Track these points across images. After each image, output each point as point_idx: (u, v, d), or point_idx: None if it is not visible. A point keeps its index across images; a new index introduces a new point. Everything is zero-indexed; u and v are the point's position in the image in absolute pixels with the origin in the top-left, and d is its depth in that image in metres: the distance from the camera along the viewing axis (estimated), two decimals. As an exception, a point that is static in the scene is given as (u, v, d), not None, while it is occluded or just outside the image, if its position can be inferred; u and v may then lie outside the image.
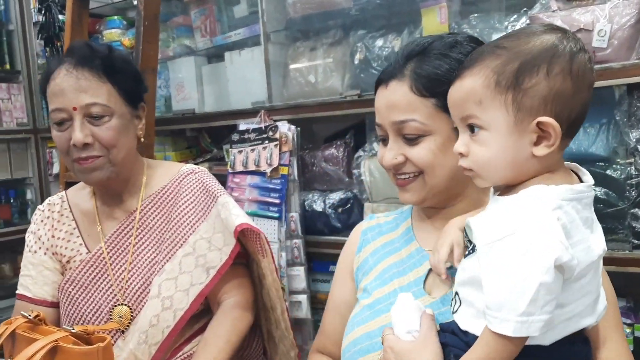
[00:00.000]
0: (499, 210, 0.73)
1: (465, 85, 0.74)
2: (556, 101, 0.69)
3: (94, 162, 1.17)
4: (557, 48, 0.70)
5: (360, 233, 1.08)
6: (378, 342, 0.88)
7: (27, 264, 1.30)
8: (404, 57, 0.91)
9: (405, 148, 0.90)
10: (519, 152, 0.71)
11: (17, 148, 3.48)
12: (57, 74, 1.17)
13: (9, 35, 3.45)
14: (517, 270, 0.65)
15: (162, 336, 1.19)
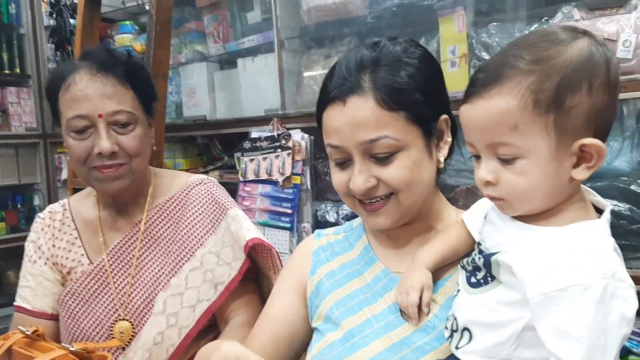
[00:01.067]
0: (546, 249, 0.63)
1: (494, 107, 0.64)
2: (597, 118, 0.63)
3: (118, 171, 1.13)
4: (594, 57, 0.63)
5: (312, 252, 0.98)
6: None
7: (27, 275, 1.25)
8: (356, 70, 0.82)
9: (376, 169, 0.82)
10: (559, 179, 0.64)
11: (26, 153, 3.46)
12: (78, 79, 1.11)
13: (20, 39, 3.44)
14: (598, 327, 0.58)
15: (166, 355, 1.14)
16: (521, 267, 0.64)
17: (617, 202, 1.54)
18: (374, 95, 0.79)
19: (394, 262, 0.89)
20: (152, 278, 1.17)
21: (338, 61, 0.87)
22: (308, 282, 0.96)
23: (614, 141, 1.62)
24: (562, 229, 0.64)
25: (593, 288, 0.58)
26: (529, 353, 0.64)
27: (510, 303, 0.65)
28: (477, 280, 0.70)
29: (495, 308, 0.67)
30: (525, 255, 0.64)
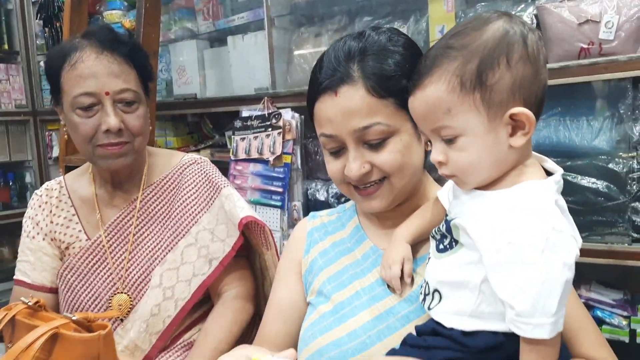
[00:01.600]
0: (494, 208, 0.70)
1: (428, 95, 0.71)
2: (522, 88, 0.68)
3: (122, 149, 1.16)
4: (509, 35, 0.68)
5: (306, 233, 1.04)
6: (348, 349, 0.85)
7: (25, 250, 1.29)
8: (345, 60, 0.85)
9: (370, 155, 0.86)
10: (499, 148, 0.69)
11: (16, 130, 3.46)
12: (85, 57, 1.13)
13: (8, 15, 3.41)
14: (540, 273, 0.64)
15: (163, 325, 1.19)
16: (473, 227, 0.70)
17: (595, 179, 1.61)
18: (364, 84, 0.83)
19: (382, 240, 0.94)
20: (148, 253, 1.22)
21: (325, 52, 0.90)
22: (302, 261, 1.01)
23: (595, 121, 1.67)
24: (509, 190, 0.69)
25: (537, 240, 0.64)
26: (490, 308, 0.70)
27: (471, 262, 0.71)
28: (444, 246, 0.76)
29: (459, 268, 0.73)
30: (477, 217, 0.71)
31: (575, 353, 0.81)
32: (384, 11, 2.08)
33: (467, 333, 0.72)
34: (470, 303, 0.72)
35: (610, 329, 1.63)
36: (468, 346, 0.72)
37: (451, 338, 0.73)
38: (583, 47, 1.62)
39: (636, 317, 1.60)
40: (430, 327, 0.76)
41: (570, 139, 1.70)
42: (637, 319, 1.60)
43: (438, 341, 0.75)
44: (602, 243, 1.58)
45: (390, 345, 0.83)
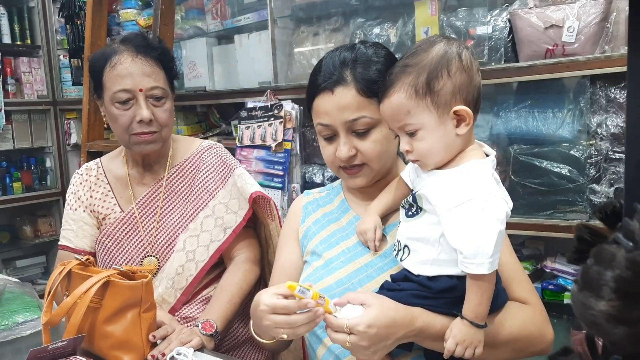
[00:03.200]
0: (448, 181, 0.92)
1: (393, 101, 0.92)
2: (461, 91, 0.90)
3: (152, 137, 1.39)
4: (447, 53, 0.90)
5: (302, 207, 1.26)
6: (334, 294, 1.04)
7: (69, 220, 1.52)
8: (340, 66, 1.08)
9: (356, 142, 1.08)
10: (448, 137, 0.91)
11: (37, 119, 3.69)
12: (123, 60, 1.36)
13: (30, 11, 3.62)
14: (480, 226, 0.86)
15: (185, 283, 1.43)
16: (432, 194, 0.93)
17: (558, 164, 1.83)
18: (355, 86, 1.06)
19: (363, 210, 1.17)
20: (173, 223, 1.46)
21: (323, 59, 1.13)
22: (300, 228, 1.24)
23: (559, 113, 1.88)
24: (457, 167, 0.93)
25: (477, 201, 0.87)
26: (446, 257, 0.92)
27: (432, 223, 0.94)
28: (412, 212, 0.98)
29: (423, 228, 0.95)
30: (434, 187, 0.94)
31: (511, 296, 1.04)
32: (375, 14, 2.29)
33: (431, 278, 0.94)
34: (431, 253, 0.94)
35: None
36: (431, 288, 0.94)
37: (418, 282, 0.95)
38: (548, 48, 1.84)
39: (593, 285, 1.82)
40: (403, 275, 0.98)
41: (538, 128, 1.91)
42: (593, 287, 1.82)
43: (409, 285, 0.96)
44: (564, 220, 1.79)
45: (370, 289, 1.05)
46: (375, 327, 0.90)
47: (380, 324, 0.90)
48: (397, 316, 0.92)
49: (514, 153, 1.89)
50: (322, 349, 1.09)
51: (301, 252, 1.23)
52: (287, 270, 1.24)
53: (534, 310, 1.03)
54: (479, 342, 0.90)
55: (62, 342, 1.06)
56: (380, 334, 0.90)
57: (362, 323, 0.90)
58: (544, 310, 1.05)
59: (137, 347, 1.16)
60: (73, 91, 3.65)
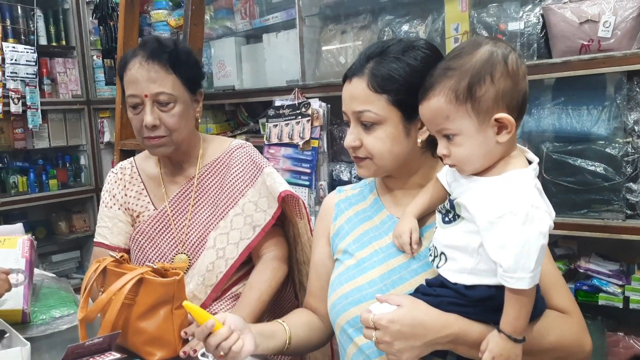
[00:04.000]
0: (489, 190, 0.90)
1: (432, 105, 0.90)
2: (504, 97, 0.86)
3: (160, 141, 1.41)
4: (492, 57, 0.86)
5: (334, 205, 1.25)
6: (367, 294, 1.05)
7: (104, 217, 1.56)
8: (365, 58, 1.07)
9: (363, 134, 1.07)
10: (487, 144, 0.88)
11: (72, 118, 3.79)
12: (132, 65, 1.39)
13: (65, 13, 3.72)
14: (522, 239, 0.82)
15: (216, 279, 1.45)
16: (471, 204, 0.91)
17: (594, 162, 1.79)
18: (367, 79, 1.05)
19: (396, 209, 1.16)
20: (204, 220, 1.48)
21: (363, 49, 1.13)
22: (331, 226, 1.24)
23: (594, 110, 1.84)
24: (498, 176, 0.90)
25: (519, 214, 0.84)
26: (485, 267, 0.90)
27: (470, 232, 0.91)
28: (449, 219, 0.96)
29: (461, 236, 0.93)
30: (474, 196, 0.91)
31: (549, 305, 1.01)
32: (404, 10, 2.27)
33: (468, 287, 0.92)
34: (470, 263, 0.91)
35: (607, 296, 1.80)
36: (468, 297, 0.92)
37: (455, 290, 0.94)
38: (583, 43, 1.80)
39: (630, 286, 1.77)
40: (439, 281, 0.97)
41: (572, 125, 1.87)
42: (630, 287, 1.76)
43: (445, 292, 0.95)
44: (599, 219, 1.75)
45: (401, 291, 1.03)
46: (398, 324, 0.90)
47: (404, 322, 0.90)
48: (427, 319, 0.91)
49: (546, 151, 1.85)
50: (353, 347, 1.09)
51: (331, 251, 1.23)
52: (318, 269, 1.25)
53: (573, 319, 1.01)
54: (516, 356, 0.88)
55: (98, 339, 1.09)
56: (404, 332, 0.90)
57: (385, 318, 0.90)
58: (583, 319, 1.02)
59: (169, 343, 1.18)
60: (106, 91, 3.74)
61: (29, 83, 3.40)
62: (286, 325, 1.17)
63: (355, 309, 1.06)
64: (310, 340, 1.22)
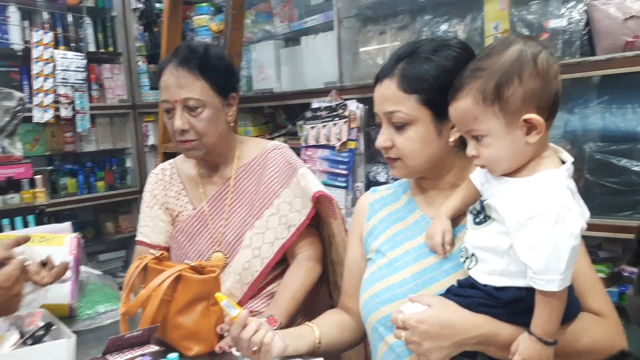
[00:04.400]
0: (519, 192, 0.89)
1: (460, 106, 0.90)
2: (533, 98, 0.85)
3: (190, 144, 1.46)
4: (522, 57, 0.85)
5: (368, 205, 1.26)
6: (398, 293, 1.06)
7: (145, 217, 1.61)
8: (396, 59, 1.07)
9: (395, 135, 1.08)
10: (516, 145, 0.87)
11: (118, 122, 3.94)
12: (165, 72, 1.45)
13: (112, 21, 3.86)
14: (552, 241, 0.81)
15: (252, 278, 1.48)
16: (501, 205, 0.90)
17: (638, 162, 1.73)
18: (397, 80, 1.06)
19: (429, 210, 1.16)
20: (240, 220, 1.51)
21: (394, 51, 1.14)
22: (365, 226, 1.25)
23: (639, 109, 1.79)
24: (529, 177, 0.89)
25: (550, 215, 0.83)
26: (516, 268, 0.89)
27: (500, 233, 0.91)
28: (480, 220, 0.96)
29: (491, 237, 0.93)
30: (504, 198, 0.90)
31: (585, 307, 0.99)
32: (443, 10, 2.26)
33: (498, 288, 0.92)
34: (500, 264, 0.91)
35: None
36: (498, 298, 0.92)
37: (485, 291, 0.93)
38: (628, 40, 1.75)
39: (677, 290, 1.71)
40: (470, 282, 0.97)
41: (616, 125, 1.82)
42: (678, 292, 1.71)
43: (475, 293, 0.94)
44: (643, 219, 1.70)
45: (432, 292, 1.04)
46: (427, 324, 0.90)
47: (432, 322, 0.90)
48: (456, 319, 0.91)
49: (589, 151, 1.81)
50: (384, 346, 1.09)
51: (364, 251, 1.24)
52: (351, 269, 1.26)
53: (609, 323, 0.98)
54: (547, 359, 0.87)
55: (138, 332, 1.14)
56: (432, 332, 0.90)
57: (413, 318, 0.91)
58: (620, 323, 1.00)
59: (206, 338, 1.21)
60: (150, 95, 3.86)
61: (78, 88, 3.56)
62: (314, 326, 1.19)
63: (386, 308, 1.07)
64: (342, 339, 1.23)
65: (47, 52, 3.43)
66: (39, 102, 3.42)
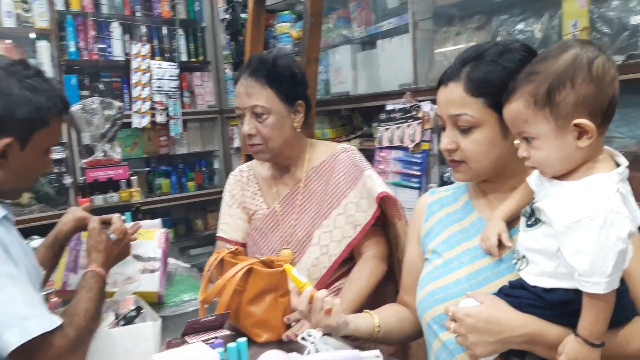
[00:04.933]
0: (567, 195, 0.89)
1: (512, 108, 0.93)
2: (585, 103, 0.86)
3: (257, 148, 1.59)
4: (576, 62, 0.86)
5: (426, 206, 1.29)
6: (452, 293, 1.09)
7: (225, 215, 1.75)
8: (461, 62, 1.09)
9: (459, 137, 1.09)
10: (567, 148, 0.88)
11: (207, 126, 4.19)
12: (239, 82, 1.59)
13: (202, 31, 4.12)
14: (598, 244, 0.82)
15: (320, 274, 1.56)
16: (549, 208, 0.91)
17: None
18: (463, 83, 1.08)
19: (486, 212, 1.17)
20: (310, 219, 1.60)
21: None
22: (422, 227, 1.29)
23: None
24: (579, 181, 0.89)
25: (597, 218, 0.83)
26: (565, 270, 0.90)
27: (549, 235, 0.92)
28: (531, 222, 0.97)
29: (541, 239, 0.94)
30: (552, 201, 0.91)
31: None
32: (519, 10, 2.22)
33: (547, 290, 0.93)
34: (549, 266, 0.92)
35: None
36: (547, 299, 0.93)
37: (534, 293, 0.95)
38: None
39: None
40: (520, 283, 0.98)
41: None
42: None
43: (524, 294, 0.96)
44: None
45: (486, 292, 1.05)
46: (473, 318, 0.94)
47: (479, 317, 0.93)
48: (503, 317, 0.94)
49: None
50: (438, 343, 1.13)
51: (421, 251, 1.27)
52: (409, 267, 1.31)
53: None
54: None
55: (212, 317, 1.26)
56: (478, 326, 0.93)
57: (462, 311, 0.95)
58: None
59: (274, 327, 1.31)
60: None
61: (171, 96, 3.84)
62: (374, 314, 1.25)
63: (441, 307, 1.10)
64: (401, 329, 1.28)
65: (145, 63, 3.74)
66: (137, 109, 3.73)
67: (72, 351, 1.04)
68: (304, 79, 1.65)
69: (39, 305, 1.03)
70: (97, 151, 2.96)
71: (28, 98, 1.10)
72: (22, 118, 1.09)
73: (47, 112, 1.13)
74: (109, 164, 3.02)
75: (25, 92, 1.10)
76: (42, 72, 1.18)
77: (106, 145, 2.94)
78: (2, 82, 1.08)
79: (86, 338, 1.11)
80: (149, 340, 1.21)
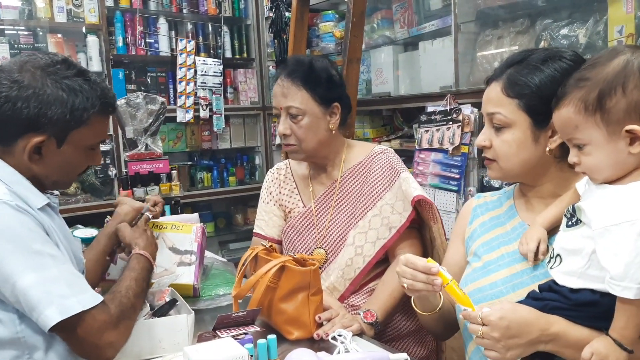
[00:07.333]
0: (610, 197, 0.90)
1: (562, 114, 0.94)
2: (637, 109, 0.86)
3: (291, 148, 1.62)
4: (627, 67, 0.86)
5: (471, 209, 1.32)
6: (488, 294, 1.11)
7: (262, 212, 1.79)
8: (507, 64, 1.13)
9: (494, 136, 1.14)
10: (618, 154, 0.89)
11: (250, 122, 4.26)
12: (276, 82, 1.63)
13: (247, 28, 4.19)
14: (635, 250, 0.83)
15: (354, 274, 1.58)
16: (589, 209, 0.91)
17: None
18: (502, 83, 1.11)
19: (528, 217, 1.18)
20: (345, 219, 1.62)
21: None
22: (467, 229, 1.30)
23: None
24: (623, 185, 0.89)
25: (636, 224, 0.83)
26: (595, 272, 0.91)
27: (587, 236, 0.92)
28: (572, 222, 0.97)
29: (578, 239, 0.94)
30: (593, 202, 0.92)
31: None
32: (564, 15, 2.17)
33: (573, 290, 0.95)
34: (580, 266, 0.93)
35: None
36: (571, 299, 0.95)
37: (560, 293, 0.96)
38: None
39: None
40: (547, 285, 1.00)
41: None
42: None
43: (551, 295, 0.98)
44: None
45: (521, 295, 1.07)
46: (507, 321, 0.94)
47: (512, 319, 0.94)
48: (530, 316, 0.95)
49: None
50: (472, 345, 1.15)
51: (464, 252, 1.29)
52: (449, 268, 1.29)
53: None
54: None
55: (243, 312, 1.29)
56: (512, 328, 0.94)
57: (494, 314, 0.95)
58: None
59: (305, 325, 1.34)
60: (279, 98, 4.11)
61: (215, 92, 3.92)
62: None
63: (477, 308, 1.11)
64: (451, 315, 1.26)
65: (190, 59, 3.83)
66: (182, 103, 3.83)
67: (115, 326, 1.09)
68: (341, 82, 1.66)
69: (78, 283, 1.08)
70: (139, 145, 3.06)
71: (62, 98, 1.11)
72: (55, 118, 1.10)
73: (82, 112, 1.13)
74: (151, 157, 3.11)
75: (59, 93, 1.11)
76: (85, 71, 1.18)
77: (148, 139, 3.04)
78: (37, 82, 1.09)
79: (130, 314, 1.15)
80: (182, 332, 1.25)
